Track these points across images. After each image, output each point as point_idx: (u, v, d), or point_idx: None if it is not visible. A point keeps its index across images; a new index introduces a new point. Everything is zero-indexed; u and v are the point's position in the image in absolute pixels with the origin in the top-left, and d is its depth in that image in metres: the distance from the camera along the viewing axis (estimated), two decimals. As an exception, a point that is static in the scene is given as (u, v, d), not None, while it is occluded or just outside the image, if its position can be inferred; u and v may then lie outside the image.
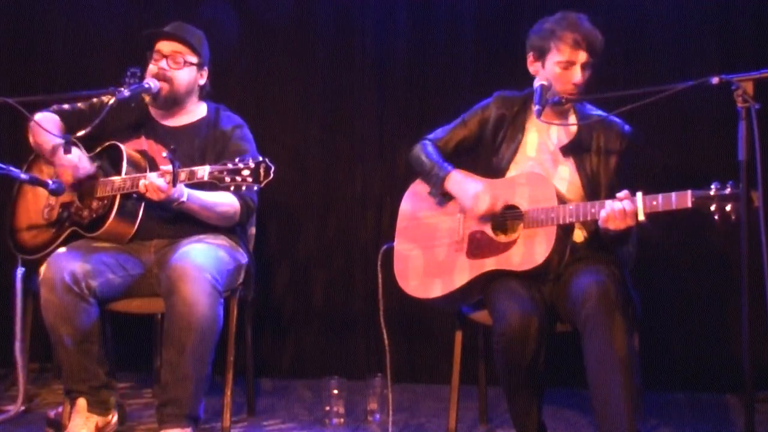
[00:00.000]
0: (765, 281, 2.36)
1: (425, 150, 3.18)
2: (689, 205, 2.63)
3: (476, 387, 3.48)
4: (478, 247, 3.00)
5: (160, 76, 3.26)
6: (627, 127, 3.07)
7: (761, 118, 2.44)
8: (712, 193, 2.61)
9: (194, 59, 3.32)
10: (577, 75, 2.95)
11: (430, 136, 3.23)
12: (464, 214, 3.06)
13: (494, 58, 4.05)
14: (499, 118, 3.12)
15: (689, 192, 2.64)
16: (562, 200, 2.92)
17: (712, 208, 2.60)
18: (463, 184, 3.05)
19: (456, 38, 4.10)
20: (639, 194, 2.73)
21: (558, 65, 2.97)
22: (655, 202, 2.70)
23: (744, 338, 2.43)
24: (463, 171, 3.11)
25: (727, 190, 2.58)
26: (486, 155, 3.15)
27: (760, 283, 2.37)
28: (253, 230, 3.54)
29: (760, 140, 2.42)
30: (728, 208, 2.57)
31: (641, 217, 2.71)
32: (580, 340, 2.78)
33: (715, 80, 2.55)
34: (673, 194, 2.67)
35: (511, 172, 3.08)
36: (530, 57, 3.07)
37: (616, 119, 3.06)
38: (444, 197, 3.13)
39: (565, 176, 3.04)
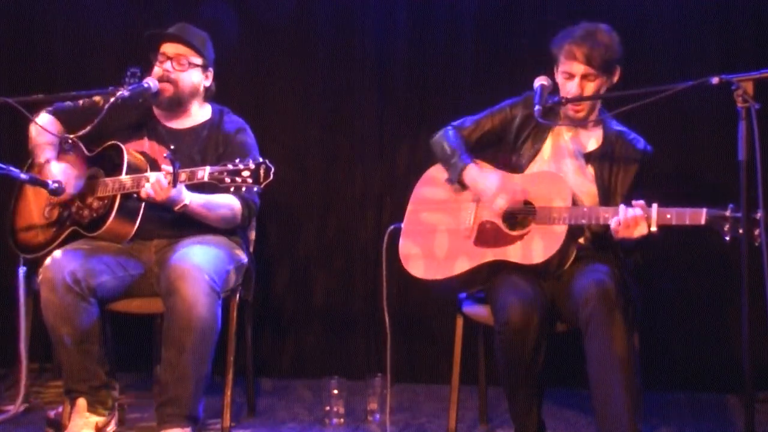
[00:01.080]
0: (765, 281, 2.36)
1: (448, 136, 3.18)
2: (703, 222, 2.67)
3: (476, 387, 3.48)
4: (485, 237, 3.01)
5: (164, 78, 3.26)
6: (649, 147, 3.09)
7: (761, 118, 2.44)
8: (727, 213, 2.63)
9: (198, 61, 3.31)
10: (573, 86, 2.97)
11: (456, 123, 3.24)
12: (478, 204, 3.08)
13: (494, 58, 4.05)
14: (525, 117, 3.13)
15: (704, 210, 2.67)
16: (576, 202, 2.94)
17: (725, 228, 2.63)
18: (480, 177, 3.07)
19: (456, 38, 4.10)
20: (654, 206, 2.75)
21: (561, 75, 3.02)
22: (669, 215, 2.73)
23: (744, 338, 2.43)
24: (481, 163, 3.14)
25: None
26: (507, 152, 3.17)
27: (760, 283, 2.37)
28: (253, 231, 3.54)
29: (760, 140, 2.42)
30: (741, 230, 2.57)
31: (654, 228, 2.74)
32: (581, 340, 2.79)
33: (715, 80, 2.55)
34: (688, 210, 2.70)
35: (530, 171, 3.10)
36: (555, 67, 3.09)
37: (640, 137, 3.09)
38: (461, 186, 3.14)
39: (583, 184, 3.05)
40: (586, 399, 2.82)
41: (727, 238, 2.63)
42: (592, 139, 3.12)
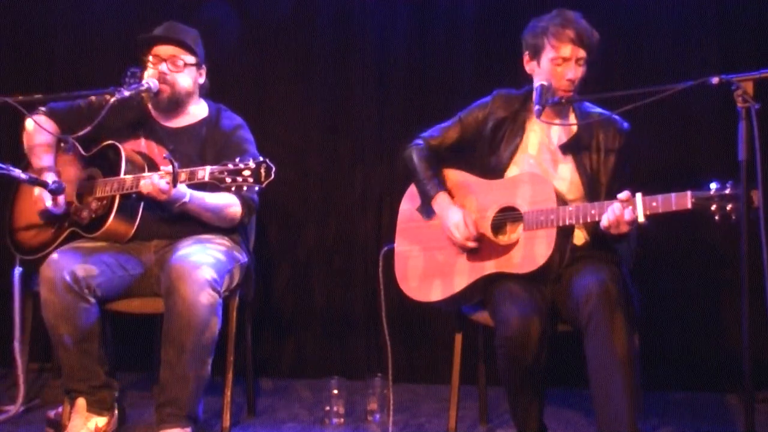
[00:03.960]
0: (765, 281, 2.35)
1: (418, 156, 3.16)
2: (689, 206, 2.63)
3: (476, 387, 3.48)
4: (478, 249, 3.00)
5: (161, 80, 3.25)
6: (626, 125, 3.07)
7: (761, 118, 2.44)
8: (711, 193, 2.61)
9: (192, 59, 3.31)
10: (571, 71, 2.95)
11: (425, 134, 3.22)
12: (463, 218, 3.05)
13: (494, 58, 4.05)
14: (498, 117, 3.11)
15: (689, 193, 2.64)
16: (561, 200, 2.92)
17: (713, 208, 2.60)
18: (445, 210, 3.06)
19: (456, 38, 4.10)
20: (638, 195, 2.73)
21: (552, 62, 2.97)
22: (654, 204, 2.70)
23: (744, 338, 2.43)
24: (456, 172, 3.14)
25: (727, 190, 2.58)
26: (484, 154, 3.14)
27: (760, 283, 2.37)
28: (253, 231, 3.54)
29: (760, 140, 2.42)
30: (728, 207, 2.57)
31: (641, 219, 2.72)
32: (582, 340, 2.78)
33: (715, 80, 2.54)
34: (673, 195, 2.67)
35: (511, 171, 3.07)
36: (526, 56, 3.07)
37: (615, 117, 3.05)
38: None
39: (566, 175, 3.04)
40: (586, 399, 2.82)
41: (717, 218, 2.59)
42: (569, 129, 3.09)
